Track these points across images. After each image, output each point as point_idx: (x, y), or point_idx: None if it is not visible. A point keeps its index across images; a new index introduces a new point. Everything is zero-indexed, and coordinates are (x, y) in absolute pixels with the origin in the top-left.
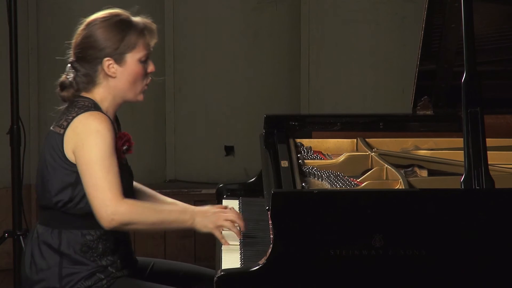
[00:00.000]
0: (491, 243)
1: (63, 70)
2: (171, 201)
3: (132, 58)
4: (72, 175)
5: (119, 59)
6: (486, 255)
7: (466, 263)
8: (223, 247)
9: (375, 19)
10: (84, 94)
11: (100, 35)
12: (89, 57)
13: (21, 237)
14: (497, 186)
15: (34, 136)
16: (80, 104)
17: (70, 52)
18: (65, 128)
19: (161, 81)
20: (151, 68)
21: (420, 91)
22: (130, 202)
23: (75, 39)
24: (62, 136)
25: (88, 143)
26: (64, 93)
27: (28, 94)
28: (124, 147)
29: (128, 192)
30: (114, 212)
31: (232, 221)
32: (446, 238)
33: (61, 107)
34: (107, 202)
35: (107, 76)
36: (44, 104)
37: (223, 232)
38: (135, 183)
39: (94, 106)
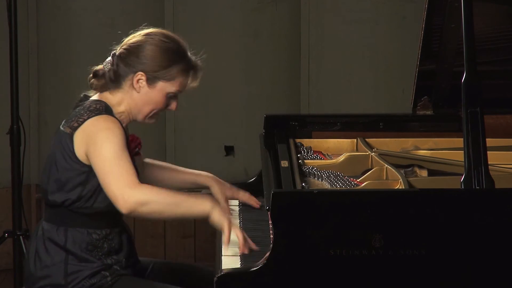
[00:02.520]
0: (491, 243)
1: (63, 70)
2: (191, 171)
3: (163, 87)
4: (82, 175)
5: (151, 80)
6: (486, 255)
7: (466, 263)
8: (223, 247)
9: (375, 19)
10: (105, 93)
11: (150, 51)
12: (129, 61)
13: (21, 237)
14: (497, 186)
15: (34, 136)
16: (92, 107)
17: (118, 45)
18: (75, 129)
19: None
20: (172, 106)
21: (420, 91)
22: (146, 185)
23: (130, 38)
24: (71, 136)
25: (100, 139)
26: (94, 81)
27: (28, 94)
28: (136, 150)
29: None
30: (131, 194)
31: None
32: (446, 238)
33: (76, 105)
34: (123, 186)
35: (132, 87)
36: (44, 104)
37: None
38: (150, 160)
39: (105, 110)
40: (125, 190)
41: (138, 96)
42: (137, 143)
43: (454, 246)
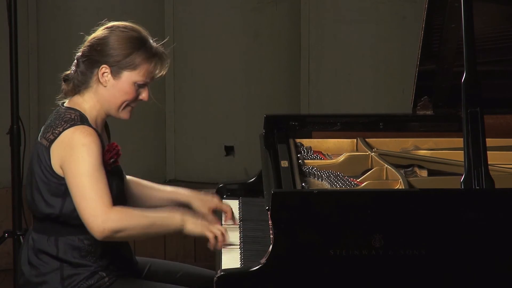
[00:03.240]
0: (491, 243)
1: (63, 70)
2: (170, 189)
3: (128, 77)
4: (60, 187)
5: (115, 72)
6: (486, 255)
7: (466, 263)
8: (223, 247)
9: (375, 19)
10: (76, 97)
11: (111, 42)
12: (92, 57)
13: (21, 237)
14: (497, 186)
15: (34, 136)
16: (67, 117)
17: (81, 46)
18: (51, 142)
19: (161, 81)
20: (143, 96)
21: (420, 91)
22: (118, 209)
23: (91, 36)
24: (48, 149)
25: (75, 157)
26: (64, 86)
27: (28, 94)
28: (111, 160)
29: (120, 197)
30: (104, 221)
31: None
32: (446, 238)
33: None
34: (97, 212)
35: (99, 82)
36: (44, 104)
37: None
38: (130, 178)
39: (80, 119)
40: (97, 216)
41: (105, 90)
42: (114, 152)
43: (454, 246)
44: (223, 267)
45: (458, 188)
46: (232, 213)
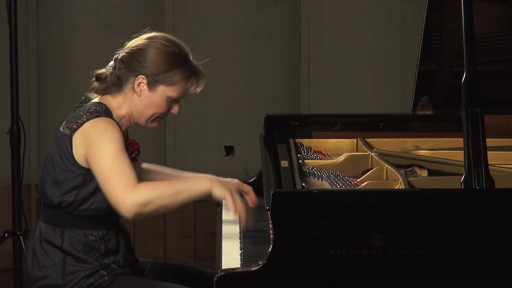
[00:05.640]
0: (491, 243)
1: (63, 70)
2: (190, 175)
3: (164, 91)
4: (79, 177)
5: (152, 84)
6: (486, 255)
7: (466, 263)
8: (223, 244)
9: (375, 19)
10: (106, 96)
11: (152, 55)
12: (131, 65)
13: (21, 237)
14: (497, 186)
15: (34, 136)
16: (92, 109)
17: (121, 49)
18: (73, 131)
19: None
20: (174, 110)
21: (420, 91)
22: (143, 184)
23: (133, 42)
24: (70, 137)
25: (98, 142)
26: (96, 84)
27: (28, 94)
28: (132, 155)
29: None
30: (131, 198)
31: (248, 191)
32: (446, 238)
33: (76, 106)
34: (122, 190)
35: (134, 91)
36: (44, 104)
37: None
38: (149, 166)
39: (105, 112)
40: (125, 195)
41: (139, 99)
42: (135, 148)
43: (454, 246)
44: (223, 267)
45: (458, 188)
46: (254, 193)
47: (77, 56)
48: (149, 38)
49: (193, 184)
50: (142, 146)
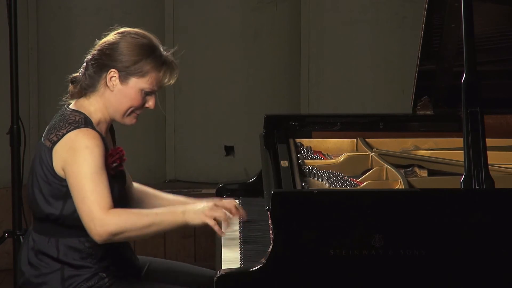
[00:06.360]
0: (491, 243)
1: (63, 70)
2: (173, 198)
3: (136, 84)
4: (61, 189)
5: (123, 77)
6: (486, 255)
7: (466, 263)
8: (223, 244)
9: (375, 19)
10: (82, 99)
11: (122, 47)
12: (101, 61)
13: (21, 237)
14: (497, 186)
15: (34, 136)
16: (71, 119)
17: (91, 49)
18: (54, 143)
19: None
20: (150, 104)
21: (420, 91)
22: (116, 211)
23: (102, 40)
24: (51, 150)
25: (77, 159)
26: (71, 88)
27: (28, 94)
28: (114, 165)
29: (121, 202)
30: (102, 224)
31: (228, 209)
32: (446, 238)
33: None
34: (95, 215)
35: (106, 86)
36: (44, 104)
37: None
38: (137, 185)
39: (84, 122)
40: (96, 219)
41: (112, 94)
42: (117, 157)
43: (454, 246)
44: (223, 267)
45: (458, 188)
46: (238, 208)
47: (77, 56)
48: (118, 32)
49: (166, 218)
50: (142, 146)
